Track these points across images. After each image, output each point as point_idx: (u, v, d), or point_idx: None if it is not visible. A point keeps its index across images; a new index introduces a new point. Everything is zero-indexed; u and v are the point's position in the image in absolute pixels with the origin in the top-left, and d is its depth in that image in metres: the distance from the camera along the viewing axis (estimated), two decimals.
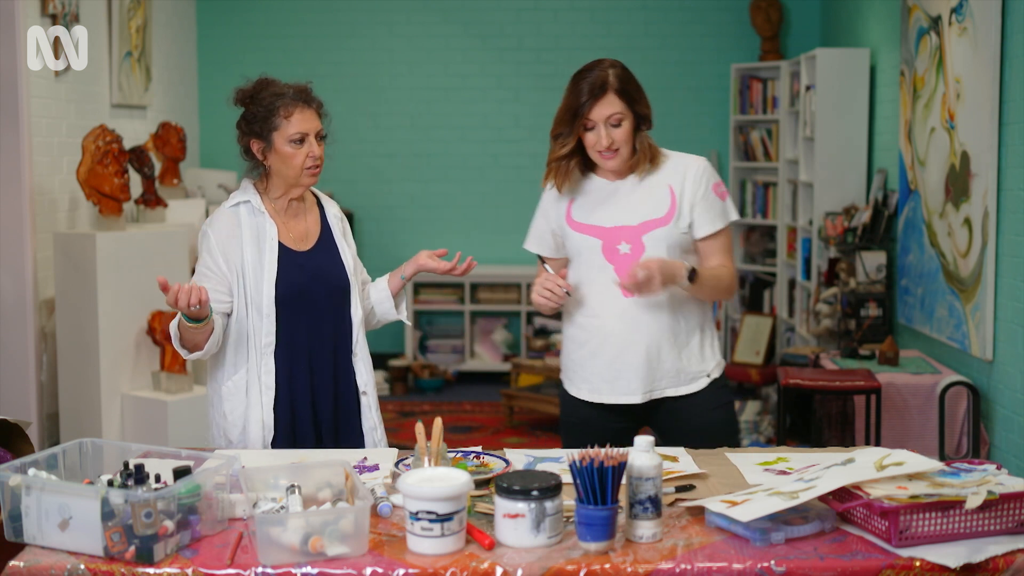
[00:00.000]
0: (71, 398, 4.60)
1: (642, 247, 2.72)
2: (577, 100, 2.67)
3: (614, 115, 2.66)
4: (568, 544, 1.98)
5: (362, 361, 2.85)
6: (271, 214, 2.77)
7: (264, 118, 2.72)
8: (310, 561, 1.90)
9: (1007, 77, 4.24)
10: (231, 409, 2.76)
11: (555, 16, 7.55)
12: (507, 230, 7.64)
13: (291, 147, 2.71)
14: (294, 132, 2.71)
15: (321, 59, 7.43)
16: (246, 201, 2.78)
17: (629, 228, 2.74)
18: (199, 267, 2.77)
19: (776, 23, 7.34)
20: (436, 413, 5.08)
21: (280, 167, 2.74)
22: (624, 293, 2.72)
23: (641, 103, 2.71)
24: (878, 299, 5.49)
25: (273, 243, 2.74)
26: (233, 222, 2.75)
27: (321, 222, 2.86)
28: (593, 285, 2.77)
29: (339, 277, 2.81)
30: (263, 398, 2.74)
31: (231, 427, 2.76)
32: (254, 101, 2.75)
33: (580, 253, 2.79)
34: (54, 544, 1.97)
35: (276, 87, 2.77)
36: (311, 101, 2.77)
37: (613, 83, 2.66)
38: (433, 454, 2.31)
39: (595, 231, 2.77)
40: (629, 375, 2.77)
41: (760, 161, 7.28)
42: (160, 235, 4.83)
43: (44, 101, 4.76)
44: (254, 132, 2.74)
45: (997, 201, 4.30)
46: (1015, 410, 4.14)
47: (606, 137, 2.67)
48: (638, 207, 2.75)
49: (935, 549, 1.93)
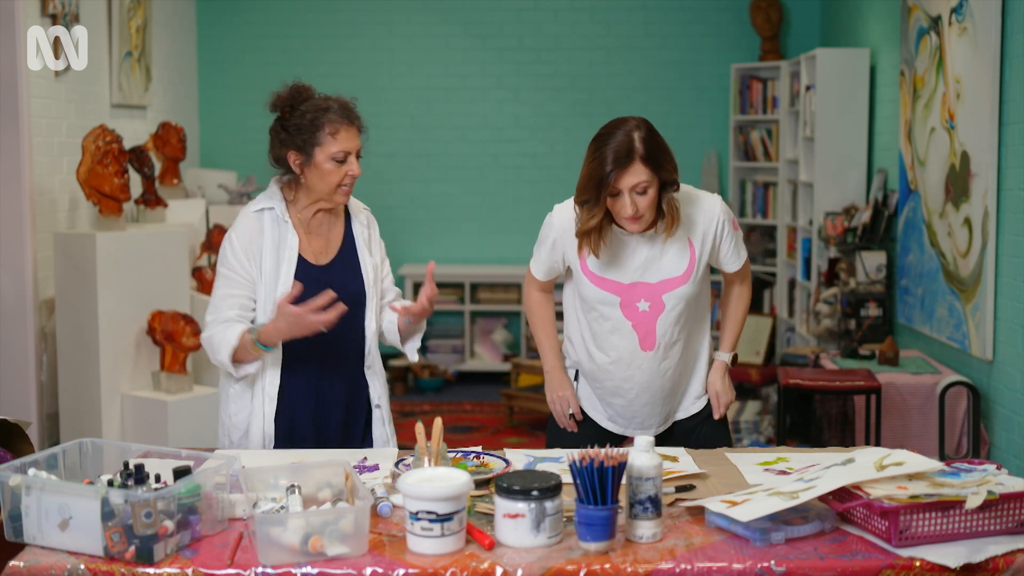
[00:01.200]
0: (71, 398, 4.60)
1: (661, 305, 2.71)
2: (602, 169, 2.53)
3: (640, 184, 2.54)
4: (568, 544, 1.98)
5: (376, 374, 2.83)
6: (295, 224, 2.74)
7: (308, 131, 2.65)
8: (310, 561, 1.90)
9: (1007, 77, 4.24)
10: (236, 411, 2.76)
11: (555, 16, 7.55)
12: (507, 230, 7.64)
13: (332, 164, 2.66)
14: (338, 151, 2.66)
15: (321, 59, 7.43)
16: (271, 208, 2.74)
17: (648, 286, 2.70)
18: (223, 270, 2.72)
19: (776, 23, 7.34)
20: (436, 413, 5.08)
21: (316, 182, 2.69)
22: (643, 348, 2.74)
23: (667, 168, 2.57)
24: (878, 299, 5.49)
25: (292, 255, 2.71)
26: (256, 227, 2.72)
27: (345, 232, 2.82)
28: (610, 337, 2.76)
29: (356, 291, 2.77)
30: (265, 408, 2.73)
31: (234, 429, 2.77)
32: (295, 111, 2.69)
33: (595, 306, 2.75)
34: (54, 544, 1.97)
35: (319, 99, 2.70)
36: (355, 119, 2.72)
37: (639, 150, 2.52)
38: (433, 454, 2.31)
39: (613, 287, 2.71)
40: (647, 413, 2.82)
41: (760, 161, 7.28)
42: (160, 235, 4.83)
43: (44, 101, 4.76)
44: (294, 144, 2.67)
45: (997, 201, 4.30)
46: (1015, 410, 4.14)
47: (631, 206, 2.56)
48: (658, 265, 2.70)
49: (935, 549, 1.93)
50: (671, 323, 2.72)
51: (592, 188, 2.57)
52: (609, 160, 2.52)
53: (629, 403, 2.80)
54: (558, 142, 7.58)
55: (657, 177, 2.56)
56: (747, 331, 7.01)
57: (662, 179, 2.58)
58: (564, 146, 7.55)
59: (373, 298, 2.80)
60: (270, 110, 2.74)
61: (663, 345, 2.73)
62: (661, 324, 2.71)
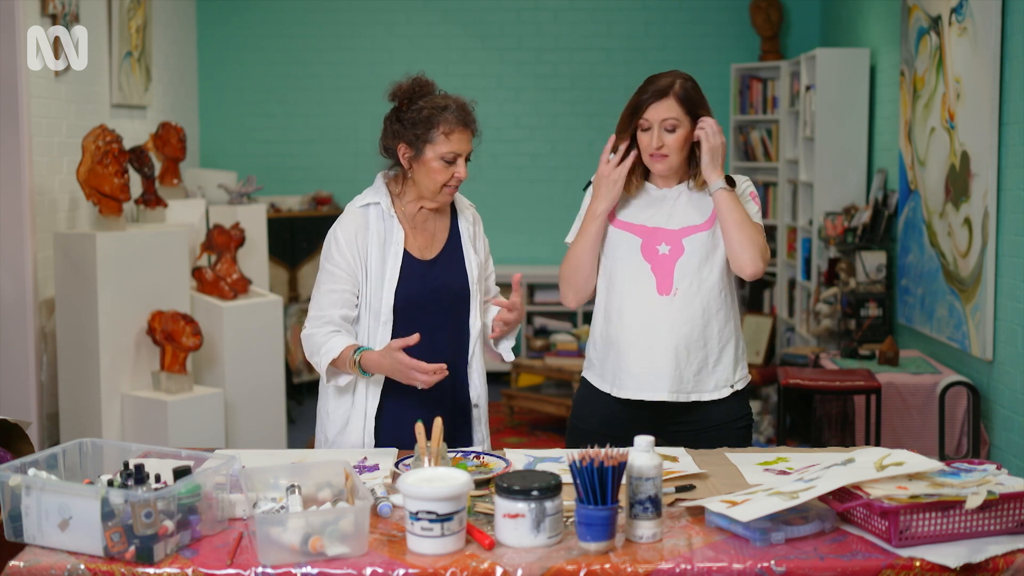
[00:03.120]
0: (71, 398, 4.60)
1: (681, 249, 2.74)
2: (639, 98, 2.71)
3: (669, 119, 2.68)
4: (568, 544, 1.98)
5: (477, 372, 2.81)
6: (400, 219, 2.73)
7: (422, 127, 2.65)
8: (310, 561, 1.90)
9: (1007, 77, 4.24)
10: (335, 407, 2.74)
11: (555, 16, 7.55)
12: (507, 230, 7.64)
13: (440, 163, 2.65)
14: (448, 151, 2.64)
15: (321, 59, 7.43)
16: (376, 203, 2.73)
17: (670, 231, 2.76)
18: (327, 265, 2.71)
19: (776, 23, 7.34)
20: None
21: (422, 178, 2.68)
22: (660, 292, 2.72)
23: (701, 108, 2.72)
24: (878, 299, 5.49)
25: (398, 249, 2.70)
26: (362, 223, 2.71)
27: (451, 229, 2.81)
28: (627, 282, 2.77)
29: (461, 287, 2.76)
30: (367, 404, 2.72)
31: (331, 425, 2.75)
32: (412, 104, 2.68)
33: (617, 248, 2.78)
34: (54, 544, 1.97)
35: (438, 97, 2.70)
36: (471, 122, 2.70)
37: (677, 90, 2.69)
38: (433, 454, 2.31)
39: (636, 229, 2.77)
40: (657, 372, 2.75)
41: (760, 161, 7.28)
42: (160, 235, 4.83)
43: (44, 101, 4.76)
44: (406, 137, 2.67)
45: (997, 201, 4.30)
46: (1015, 410, 4.14)
47: (658, 139, 2.68)
48: (681, 213, 2.77)
49: (935, 549, 1.93)
50: (689, 269, 2.72)
51: (627, 117, 2.74)
52: (648, 92, 2.71)
53: (639, 358, 2.74)
54: (558, 142, 7.58)
55: (688, 118, 2.70)
56: (747, 331, 7.01)
57: (693, 121, 2.70)
58: (564, 146, 7.55)
59: (477, 295, 2.79)
60: (389, 99, 2.73)
61: (680, 290, 2.72)
62: (679, 268, 2.73)
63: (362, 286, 2.70)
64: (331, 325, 2.68)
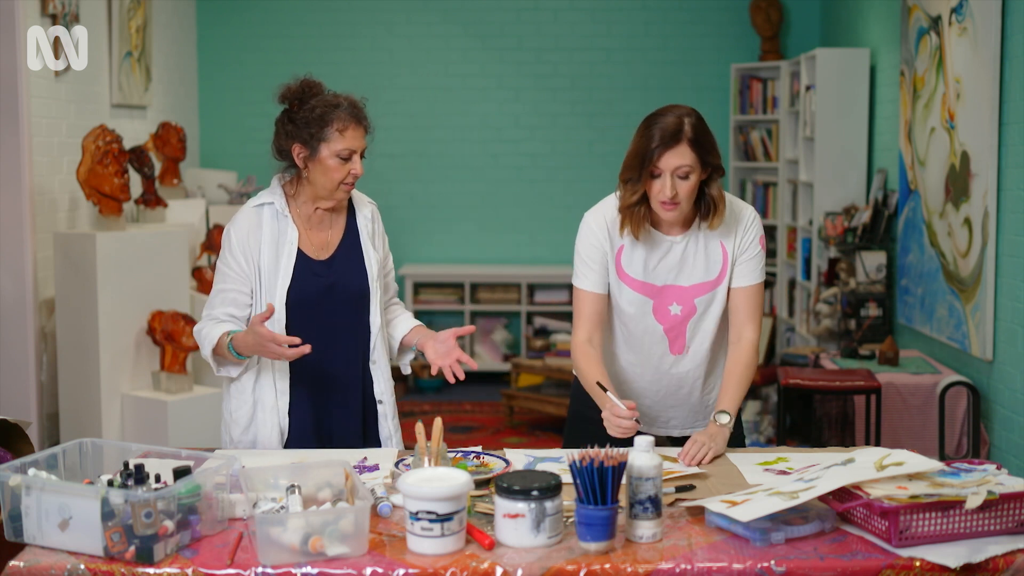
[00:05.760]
0: (71, 398, 4.60)
1: (693, 309, 2.70)
2: (648, 145, 2.53)
3: (683, 167, 2.53)
4: (568, 544, 1.98)
5: (380, 369, 2.82)
6: (295, 219, 2.74)
7: (315, 126, 2.66)
8: (310, 561, 1.90)
9: (1007, 77, 4.24)
10: (236, 407, 2.77)
11: (555, 16, 7.55)
12: (507, 230, 7.64)
13: (336, 161, 2.67)
14: (343, 148, 2.67)
15: (321, 59, 7.43)
16: (270, 203, 2.75)
17: (680, 289, 2.69)
18: (221, 266, 2.74)
19: (776, 23, 7.34)
20: (436, 413, 5.08)
21: (318, 177, 2.69)
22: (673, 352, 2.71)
23: (712, 157, 2.57)
24: (878, 299, 5.49)
25: (292, 248, 2.71)
26: (254, 222, 2.73)
27: (347, 226, 2.82)
28: (640, 342, 2.74)
29: (359, 285, 2.78)
30: (279, 402, 2.73)
31: (234, 425, 2.77)
32: (304, 104, 2.70)
33: (629, 307, 2.71)
34: (54, 544, 1.97)
35: (329, 95, 2.72)
36: (363, 119, 2.73)
37: (687, 132, 2.53)
38: (433, 454, 2.31)
39: (647, 289, 2.69)
40: (669, 417, 2.82)
41: (760, 161, 7.28)
42: (160, 235, 4.83)
43: (44, 101, 4.76)
44: (300, 137, 2.68)
45: (997, 201, 4.30)
46: (1015, 410, 4.14)
47: (670, 188, 2.53)
48: (691, 268, 2.69)
49: (935, 549, 1.93)
50: (701, 328, 2.72)
51: (636, 165, 2.56)
52: (656, 138, 2.52)
53: (652, 406, 2.79)
54: (558, 142, 7.57)
55: (700, 164, 2.55)
56: None
57: (705, 168, 2.57)
58: (564, 146, 7.55)
59: (377, 292, 2.80)
60: (278, 101, 2.75)
61: (692, 350, 2.73)
62: (691, 328, 2.71)
63: (255, 285, 2.72)
64: (215, 320, 2.71)
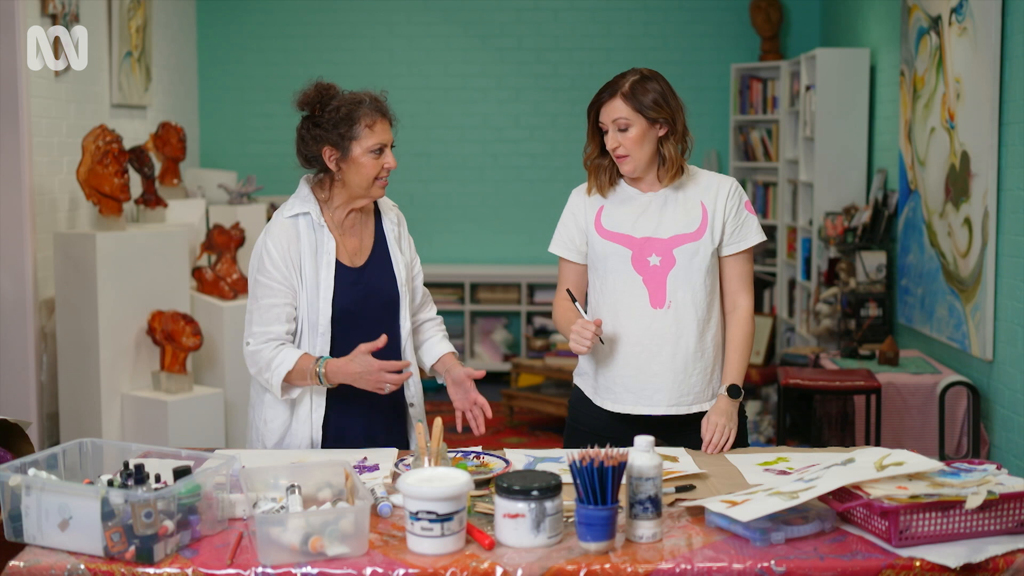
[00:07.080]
0: (71, 398, 4.60)
1: (672, 260, 2.70)
2: (593, 101, 2.74)
3: (619, 119, 2.67)
4: (568, 544, 1.98)
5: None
6: (330, 227, 2.72)
7: (344, 126, 2.64)
8: (310, 561, 1.90)
9: (1007, 77, 4.24)
10: (272, 417, 2.72)
11: (555, 16, 7.55)
12: (507, 230, 7.64)
13: (369, 157, 2.65)
14: (375, 143, 2.65)
15: (321, 59, 7.43)
16: (305, 213, 2.70)
17: (660, 240, 2.71)
18: (263, 279, 2.66)
19: (776, 23, 7.34)
20: (436, 413, 5.05)
21: (353, 177, 2.67)
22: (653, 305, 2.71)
23: (652, 110, 2.67)
24: (878, 299, 5.49)
25: (331, 259, 2.68)
26: (292, 234, 2.68)
27: (376, 232, 2.81)
28: (620, 295, 2.73)
29: (390, 291, 2.77)
30: (313, 415, 2.70)
31: (269, 434, 2.72)
32: (326, 107, 2.67)
33: (606, 260, 2.75)
34: (54, 544, 1.97)
35: (349, 94, 2.70)
36: (387, 111, 2.72)
37: (624, 88, 2.68)
38: (433, 454, 2.31)
39: (625, 240, 2.73)
40: (655, 387, 2.72)
41: (760, 161, 7.28)
42: (160, 235, 4.83)
43: (44, 101, 4.76)
44: (329, 140, 2.65)
45: (997, 201, 4.30)
46: (1015, 410, 4.14)
47: (612, 139, 2.68)
48: (670, 220, 2.73)
49: (935, 549, 1.93)
50: (681, 280, 2.70)
51: (589, 120, 2.77)
52: (597, 94, 2.74)
53: (636, 373, 2.72)
54: (558, 142, 7.58)
55: (642, 118, 2.67)
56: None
57: (653, 123, 2.68)
58: (564, 146, 7.55)
59: (406, 296, 2.79)
60: (298, 108, 2.71)
61: (673, 304, 2.70)
62: (672, 280, 2.70)
63: (299, 298, 2.68)
64: (276, 340, 2.65)
